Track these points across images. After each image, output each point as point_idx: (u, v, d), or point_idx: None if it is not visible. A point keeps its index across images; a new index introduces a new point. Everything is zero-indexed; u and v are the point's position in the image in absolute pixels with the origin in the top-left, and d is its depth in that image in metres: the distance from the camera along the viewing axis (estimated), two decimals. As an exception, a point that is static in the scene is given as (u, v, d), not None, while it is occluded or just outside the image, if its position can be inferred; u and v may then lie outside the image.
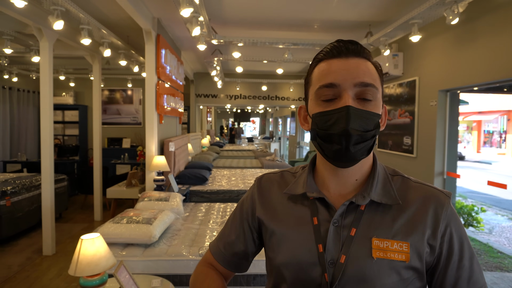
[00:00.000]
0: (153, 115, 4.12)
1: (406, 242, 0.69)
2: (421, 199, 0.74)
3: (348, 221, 0.72)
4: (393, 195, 0.73)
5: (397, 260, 0.68)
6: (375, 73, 0.72)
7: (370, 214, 0.73)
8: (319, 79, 0.72)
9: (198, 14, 3.33)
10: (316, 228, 0.73)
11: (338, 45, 0.72)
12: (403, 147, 4.47)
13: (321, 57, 0.74)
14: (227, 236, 0.90)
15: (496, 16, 2.98)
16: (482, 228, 4.60)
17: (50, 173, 3.87)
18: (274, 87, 8.71)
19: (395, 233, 0.70)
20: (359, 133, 0.67)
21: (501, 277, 3.58)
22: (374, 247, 0.69)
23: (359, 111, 0.68)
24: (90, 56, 5.24)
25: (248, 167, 7.26)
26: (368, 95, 0.69)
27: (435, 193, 0.74)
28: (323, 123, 0.70)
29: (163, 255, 2.52)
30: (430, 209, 0.72)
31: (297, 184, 0.81)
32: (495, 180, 3.44)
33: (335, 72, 0.70)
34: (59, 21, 3.23)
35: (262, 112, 22.28)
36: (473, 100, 17.53)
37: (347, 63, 0.70)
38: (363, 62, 0.71)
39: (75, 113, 8.06)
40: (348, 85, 0.69)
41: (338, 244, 0.71)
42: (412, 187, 0.76)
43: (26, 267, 3.54)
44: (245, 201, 0.90)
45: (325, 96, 0.71)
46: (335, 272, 0.69)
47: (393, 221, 0.72)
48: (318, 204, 0.76)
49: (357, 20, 4.25)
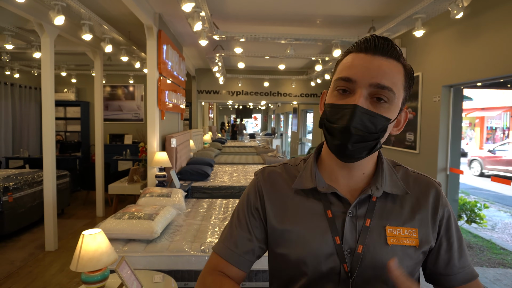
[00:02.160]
0: (154, 111, 4.11)
1: (415, 228, 0.75)
2: (421, 187, 0.80)
3: (362, 212, 0.75)
4: (401, 186, 0.78)
5: (408, 245, 0.73)
6: (398, 76, 0.71)
7: (381, 204, 0.77)
8: (340, 71, 0.73)
9: (199, 9, 3.31)
10: (331, 221, 0.75)
11: (368, 40, 0.71)
12: (406, 143, 4.45)
13: (350, 49, 0.75)
14: (236, 234, 0.84)
15: (501, 11, 2.94)
16: (485, 224, 4.58)
17: (52, 169, 3.87)
18: (276, 83, 8.68)
19: (404, 220, 0.75)
20: (360, 133, 0.69)
21: (504, 274, 3.57)
22: (389, 234, 0.74)
23: (366, 111, 0.69)
24: (92, 52, 5.23)
25: (250, 163, 7.26)
26: (383, 97, 0.69)
27: (432, 182, 0.81)
28: (331, 115, 0.72)
29: (165, 251, 2.52)
30: (430, 196, 0.79)
31: (304, 178, 0.81)
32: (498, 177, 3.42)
33: (356, 67, 0.70)
34: (60, 16, 3.22)
35: (264, 108, 22.25)
36: (476, 96, 17.44)
37: (370, 61, 0.70)
38: (388, 63, 0.70)
39: (77, 110, 8.07)
40: (364, 83, 0.69)
41: (354, 234, 0.74)
42: (411, 177, 0.82)
43: (29, 263, 3.55)
44: (249, 195, 0.86)
45: (340, 87, 0.72)
46: (353, 262, 0.72)
47: (401, 209, 0.77)
48: (331, 197, 0.78)
49: (360, 15, 4.21)
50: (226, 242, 0.84)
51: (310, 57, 5.87)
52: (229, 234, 0.85)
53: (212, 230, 2.95)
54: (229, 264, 0.82)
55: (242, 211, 0.85)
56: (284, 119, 16.51)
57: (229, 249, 0.83)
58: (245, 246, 0.83)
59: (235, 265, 0.82)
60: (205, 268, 0.85)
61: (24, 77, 7.61)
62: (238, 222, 0.85)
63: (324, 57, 5.76)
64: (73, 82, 8.02)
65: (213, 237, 2.78)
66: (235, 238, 0.83)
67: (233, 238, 0.84)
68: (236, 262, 0.82)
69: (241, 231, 0.83)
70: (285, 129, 16.35)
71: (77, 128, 8.11)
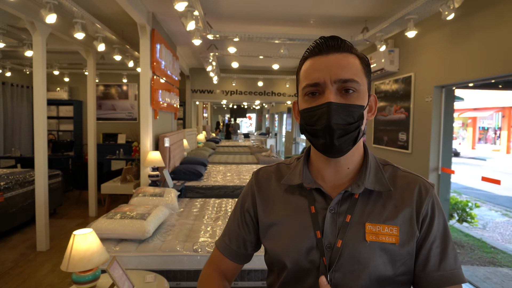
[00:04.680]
0: (148, 110, 4.10)
1: (396, 226, 0.75)
2: (407, 185, 0.79)
3: (344, 209, 0.78)
4: (385, 183, 0.79)
5: (387, 243, 0.74)
6: (357, 65, 0.75)
7: (363, 201, 0.78)
8: (304, 78, 0.77)
9: (193, 8, 3.30)
10: (314, 216, 0.78)
11: (320, 42, 0.76)
12: (398, 143, 4.48)
13: (306, 55, 0.79)
14: (231, 230, 0.94)
15: (492, 12, 2.97)
16: (476, 223, 4.63)
17: (43, 169, 3.84)
18: (270, 83, 8.69)
19: (385, 218, 0.76)
20: (342, 127, 0.72)
21: (494, 272, 3.61)
22: (367, 231, 0.75)
23: (340, 105, 0.72)
24: (85, 51, 5.19)
25: (244, 163, 7.26)
26: (350, 88, 0.73)
27: (420, 179, 0.80)
28: (308, 119, 0.76)
29: (157, 250, 2.51)
30: (415, 192, 0.78)
31: (293, 174, 0.86)
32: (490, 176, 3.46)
33: (317, 70, 0.74)
34: (51, 14, 3.19)
35: (258, 108, 22.24)
36: (468, 96, 17.60)
37: (327, 60, 0.74)
38: (343, 57, 0.74)
39: (69, 109, 8.01)
40: (329, 82, 0.73)
41: (334, 230, 0.76)
42: (400, 175, 0.82)
43: (20, 263, 3.52)
44: (245, 195, 0.93)
45: (309, 91, 0.76)
46: (332, 256, 0.75)
47: (384, 206, 0.77)
48: (315, 194, 0.81)
49: (353, 15, 4.23)
50: (224, 237, 0.95)
51: (304, 57, 5.87)
52: (226, 229, 0.95)
53: (205, 230, 2.94)
54: (224, 257, 0.93)
55: (237, 208, 0.94)
56: (279, 119, 16.53)
57: (224, 243, 0.93)
58: (238, 240, 0.92)
59: (229, 257, 0.92)
60: (207, 260, 0.96)
61: (16, 76, 7.53)
62: (234, 219, 0.94)
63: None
64: (66, 81, 7.96)
65: (206, 236, 2.78)
66: (229, 233, 0.94)
67: (228, 233, 0.94)
68: (229, 255, 0.92)
69: (235, 227, 0.93)
70: (279, 129, 16.37)
71: (70, 127, 8.05)
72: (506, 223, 5.66)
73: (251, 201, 0.90)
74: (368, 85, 0.78)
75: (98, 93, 8.04)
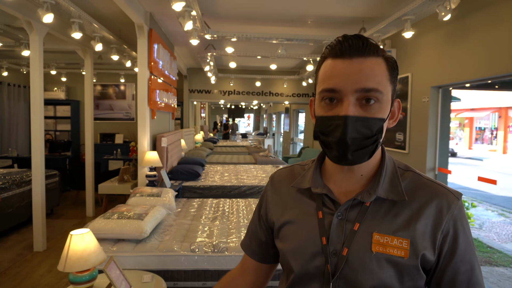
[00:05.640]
0: (145, 110, 4.09)
1: (407, 239, 0.69)
2: (427, 197, 0.72)
3: (352, 216, 0.74)
4: (400, 191, 0.73)
5: (395, 256, 0.69)
6: (381, 72, 0.69)
7: (374, 209, 0.73)
8: (323, 81, 0.71)
9: (190, 8, 3.30)
10: (321, 222, 0.76)
11: (341, 42, 0.69)
12: (396, 143, 4.50)
13: (326, 55, 0.73)
14: (252, 230, 0.96)
15: (488, 13, 2.99)
16: (472, 223, 4.65)
17: (40, 169, 3.83)
18: (268, 83, 8.70)
19: (396, 229, 0.70)
20: (358, 142, 0.68)
21: (490, 271, 3.63)
22: (374, 241, 0.70)
23: (358, 119, 0.67)
24: (82, 51, 5.18)
25: (242, 163, 7.26)
26: (372, 98, 0.68)
27: (443, 191, 0.73)
28: (323, 128, 0.71)
29: (154, 250, 2.51)
30: (434, 207, 0.71)
31: (304, 177, 0.84)
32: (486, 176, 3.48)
33: (337, 76, 0.68)
34: (49, 14, 3.18)
35: (256, 108, 22.25)
36: (465, 97, 17.67)
37: (350, 66, 0.68)
38: (367, 62, 0.68)
39: (67, 108, 7.98)
40: (349, 91, 0.67)
41: (341, 237, 0.73)
42: (421, 184, 0.75)
43: (17, 263, 3.51)
44: (261, 197, 0.95)
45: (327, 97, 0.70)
46: (337, 263, 0.72)
47: (396, 217, 0.72)
48: (324, 198, 0.78)
49: (350, 16, 4.24)
50: (246, 237, 0.98)
51: (301, 57, 5.90)
52: (248, 230, 0.98)
53: (202, 230, 2.94)
54: (247, 257, 0.96)
55: (256, 210, 0.96)
56: (276, 119, 16.54)
57: (247, 243, 0.96)
58: (258, 240, 0.93)
59: (252, 256, 0.95)
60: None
61: (13, 75, 7.50)
62: (253, 219, 0.96)
63: (315, 57, 5.79)
64: (63, 81, 7.93)
65: (203, 236, 2.78)
66: (251, 234, 0.96)
67: (249, 234, 0.97)
68: (252, 254, 0.95)
69: (253, 228, 0.95)
70: (277, 129, 16.38)
71: (67, 127, 8.02)
72: (502, 222, 5.69)
73: (265, 205, 0.91)
74: (393, 91, 0.72)
75: (95, 93, 8.02)
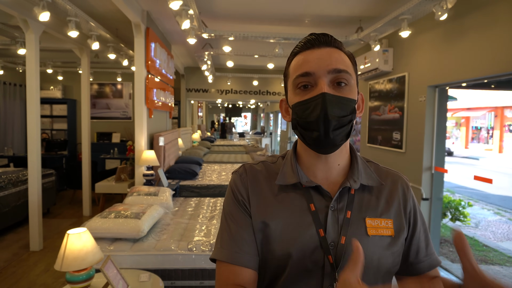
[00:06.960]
0: (142, 109, 4.08)
1: (390, 219, 0.78)
2: (392, 182, 0.84)
3: (342, 205, 0.77)
4: (375, 178, 0.82)
5: (386, 236, 0.76)
6: (347, 61, 0.77)
7: (359, 196, 0.79)
8: (295, 70, 0.76)
9: (187, 7, 3.29)
10: (315, 214, 0.76)
11: (311, 38, 0.77)
12: (393, 142, 4.51)
13: (296, 51, 0.79)
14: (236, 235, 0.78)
15: (484, 12, 3.00)
16: (468, 222, 4.68)
17: (37, 168, 3.81)
18: (265, 82, 8.70)
19: (381, 212, 0.79)
20: (337, 119, 0.71)
21: (486, 270, 3.65)
22: (368, 226, 0.76)
23: (334, 97, 0.72)
24: (78, 49, 5.15)
25: (239, 162, 7.26)
26: (343, 80, 0.73)
27: (399, 175, 0.86)
28: (302, 112, 0.74)
29: (151, 249, 2.51)
30: (400, 189, 0.83)
31: (286, 173, 0.80)
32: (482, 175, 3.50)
33: (310, 62, 0.74)
34: (45, 12, 3.16)
35: (253, 107, 22.23)
36: (462, 96, 17.74)
37: (320, 53, 0.74)
38: (335, 51, 0.75)
39: (63, 107, 7.95)
40: (322, 72, 0.73)
41: (336, 227, 0.75)
42: (383, 172, 0.86)
43: (13, 263, 3.49)
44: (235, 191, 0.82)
45: (302, 84, 0.75)
46: (337, 253, 0.73)
47: (377, 201, 0.80)
48: (312, 192, 0.79)
49: (347, 15, 4.25)
50: (230, 247, 0.78)
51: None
52: (228, 238, 0.79)
53: (200, 229, 2.95)
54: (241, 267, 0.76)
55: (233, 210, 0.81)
56: (274, 118, 16.53)
57: (235, 252, 0.77)
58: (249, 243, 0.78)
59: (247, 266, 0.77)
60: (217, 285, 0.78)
61: (8, 74, 7.45)
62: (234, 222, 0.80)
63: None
64: (60, 80, 7.90)
65: (201, 235, 2.78)
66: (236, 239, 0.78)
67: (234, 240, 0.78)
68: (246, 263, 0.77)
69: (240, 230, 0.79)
70: (274, 128, 16.38)
71: (64, 126, 7.99)
72: (498, 221, 5.73)
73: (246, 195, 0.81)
74: (356, 82, 0.78)
75: (92, 91, 7.98)
